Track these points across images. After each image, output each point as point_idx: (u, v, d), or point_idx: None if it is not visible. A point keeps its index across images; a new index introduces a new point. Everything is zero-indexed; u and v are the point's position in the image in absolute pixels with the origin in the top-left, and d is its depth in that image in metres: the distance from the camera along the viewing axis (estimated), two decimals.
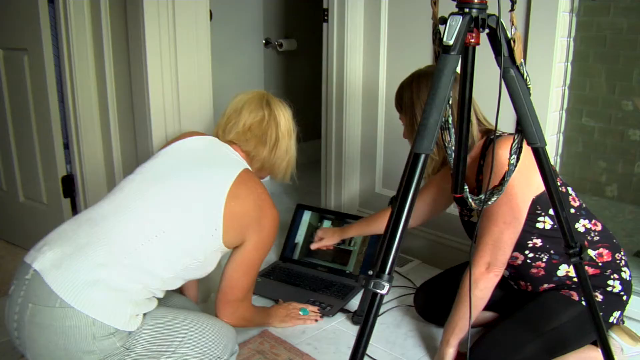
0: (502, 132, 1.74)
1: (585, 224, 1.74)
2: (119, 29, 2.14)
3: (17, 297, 1.41)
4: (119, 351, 1.39)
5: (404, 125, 1.84)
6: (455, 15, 1.16)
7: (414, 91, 1.74)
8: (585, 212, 1.76)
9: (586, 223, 1.74)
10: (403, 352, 1.94)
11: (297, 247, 2.58)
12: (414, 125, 1.75)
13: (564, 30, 2.09)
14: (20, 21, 2.40)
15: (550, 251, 1.72)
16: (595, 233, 1.74)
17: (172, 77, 2.07)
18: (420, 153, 1.13)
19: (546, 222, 1.69)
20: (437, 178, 2.03)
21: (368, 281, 1.11)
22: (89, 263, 1.40)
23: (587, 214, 1.76)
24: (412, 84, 1.76)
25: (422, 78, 1.74)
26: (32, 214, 2.71)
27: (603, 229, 1.76)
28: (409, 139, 1.82)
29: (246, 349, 1.92)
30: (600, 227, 1.76)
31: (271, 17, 4.02)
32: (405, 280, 2.47)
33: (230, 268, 1.70)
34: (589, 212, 1.77)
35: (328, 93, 2.84)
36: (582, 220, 1.73)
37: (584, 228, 1.73)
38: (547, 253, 1.72)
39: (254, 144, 1.76)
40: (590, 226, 1.74)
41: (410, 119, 1.77)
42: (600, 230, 1.75)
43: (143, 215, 1.52)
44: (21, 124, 2.60)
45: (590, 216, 1.76)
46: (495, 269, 1.66)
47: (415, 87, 1.74)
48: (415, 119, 1.74)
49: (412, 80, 1.77)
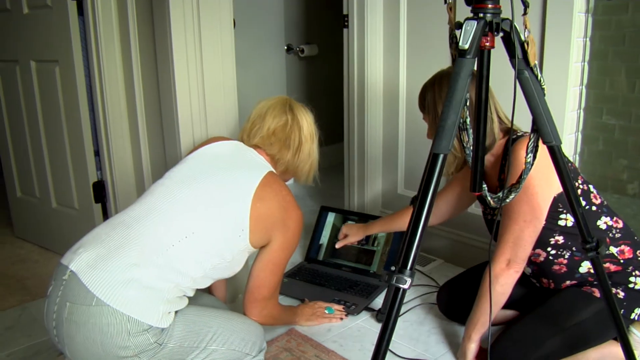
0: (524, 132, 1.76)
1: (607, 221, 1.75)
2: (147, 38, 2.19)
3: (55, 297, 1.47)
4: (152, 347, 1.45)
5: (427, 125, 1.88)
6: (470, 20, 1.19)
7: (436, 91, 1.77)
8: (606, 209, 1.77)
9: (607, 220, 1.76)
10: (426, 348, 1.98)
11: (321, 248, 2.62)
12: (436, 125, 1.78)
13: (580, 30, 2.11)
14: (51, 34, 2.48)
15: (572, 248, 1.74)
16: (617, 230, 1.75)
17: (199, 84, 2.11)
18: (438, 153, 1.17)
19: (568, 220, 1.71)
20: (460, 177, 2.06)
21: (390, 276, 1.15)
22: (123, 263, 1.45)
23: (609, 212, 1.77)
24: (435, 84, 1.79)
25: (444, 79, 1.77)
26: (65, 219, 2.79)
27: (624, 226, 1.78)
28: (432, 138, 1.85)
29: (274, 347, 1.98)
30: (622, 225, 1.77)
31: (292, 24, 4.07)
32: (428, 279, 2.50)
33: (257, 268, 1.75)
34: (610, 210, 1.78)
35: (350, 97, 2.89)
36: (603, 218, 1.75)
37: (606, 225, 1.75)
38: (569, 250, 1.75)
39: (278, 148, 1.81)
40: (612, 223, 1.76)
41: (433, 118, 1.80)
42: (622, 227, 1.77)
43: (173, 217, 1.57)
44: (53, 133, 2.67)
45: (612, 214, 1.78)
46: (515, 265, 1.69)
47: (438, 88, 1.77)
48: (438, 118, 1.77)
49: (435, 81, 1.80)
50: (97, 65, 2.36)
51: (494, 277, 1.70)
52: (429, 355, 1.94)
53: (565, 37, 2.08)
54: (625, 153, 2.72)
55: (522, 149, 1.63)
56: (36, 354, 1.99)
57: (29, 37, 2.60)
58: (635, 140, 2.72)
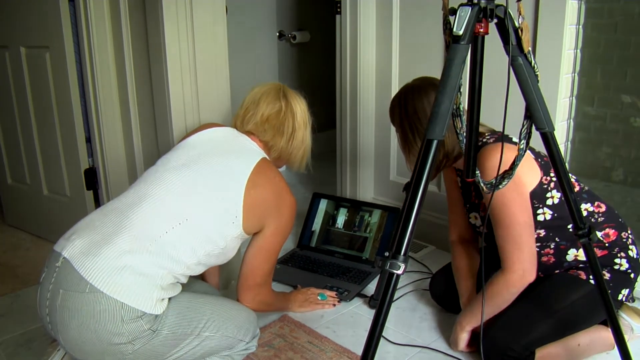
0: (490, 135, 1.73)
1: (587, 208, 1.77)
2: (138, 24, 2.18)
3: (48, 284, 1.47)
4: (146, 333, 1.45)
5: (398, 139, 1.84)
6: (464, 6, 1.19)
7: (402, 107, 1.76)
8: (586, 195, 1.78)
9: (588, 207, 1.77)
10: (418, 334, 1.99)
11: (314, 235, 2.63)
12: (406, 141, 1.76)
13: (572, 17, 2.12)
14: (42, 20, 2.46)
15: (555, 238, 1.75)
16: (599, 215, 1.77)
17: (191, 70, 2.10)
18: (432, 139, 1.17)
19: (546, 213, 1.72)
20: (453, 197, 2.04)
21: (384, 262, 1.16)
22: (116, 250, 1.45)
23: (589, 197, 1.78)
24: (400, 100, 1.77)
25: (409, 94, 1.75)
26: (56, 206, 2.78)
27: (607, 209, 1.79)
28: (402, 151, 1.82)
29: (267, 333, 1.98)
30: (605, 208, 1.78)
31: (284, 10, 4.06)
32: (421, 265, 2.51)
33: (250, 254, 1.75)
34: (590, 195, 1.79)
35: (342, 84, 2.88)
36: (583, 205, 1.76)
37: (586, 212, 1.76)
38: (552, 241, 1.76)
39: (272, 135, 1.81)
40: (593, 209, 1.77)
41: (402, 133, 1.78)
42: (605, 210, 1.78)
43: (166, 204, 1.57)
44: (44, 119, 2.66)
45: (593, 199, 1.79)
46: (532, 274, 1.67)
47: (403, 103, 1.76)
48: (406, 135, 1.75)
49: (400, 96, 1.78)
50: (88, 51, 2.35)
51: (507, 285, 1.69)
52: (420, 341, 1.95)
53: (558, 24, 2.09)
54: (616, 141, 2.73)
55: (487, 159, 1.62)
56: (29, 341, 1.99)
57: (19, 23, 2.58)
58: (626, 129, 2.74)
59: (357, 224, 2.56)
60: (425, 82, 1.76)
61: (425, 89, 1.73)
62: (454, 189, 2.01)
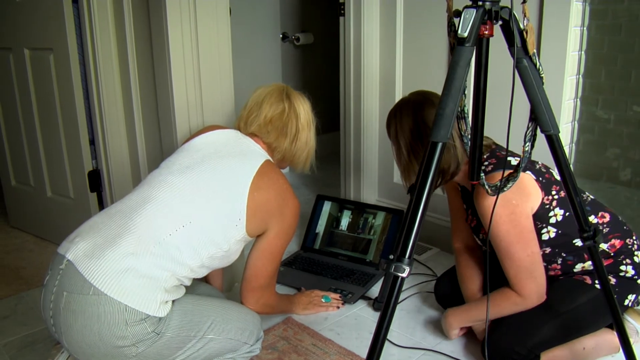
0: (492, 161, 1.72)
1: (591, 220, 1.74)
2: (142, 26, 2.18)
3: (52, 286, 1.46)
4: (150, 336, 1.45)
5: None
6: (469, 8, 1.19)
7: (397, 122, 1.75)
8: (590, 207, 1.76)
9: (592, 219, 1.75)
10: (423, 337, 1.99)
11: (317, 237, 2.63)
12: (400, 157, 1.76)
13: (577, 19, 2.11)
14: (46, 22, 2.46)
15: (561, 254, 1.74)
16: (604, 225, 1.75)
17: (195, 72, 2.10)
18: (437, 141, 1.17)
19: (550, 232, 1.70)
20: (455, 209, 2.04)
21: (389, 265, 1.15)
22: (120, 252, 1.45)
23: (593, 209, 1.76)
24: (396, 115, 1.77)
25: (404, 109, 1.74)
26: (60, 208, 2.78)
27: (612, 218, 1.77)
28: (397, 166, 1.81)
29: (271, 335, 1.98)
30: (609, 217, 1.76)
31: (288, 12, 4.06)
32: (425, 268, 2.51)
33: (253, 256, 1.75)
34: (594, 206, 1.77)
35: (346, 85, 2.88)
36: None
37: None
38: (559, 256, 1.75)
39: (275, 136, 1.81)
40: (597, 220, 1.75)
41: (397, 149, 1.77)
42: (609, 220, 1.76)
43: (170, 206, 1.56)
44: (48, 121, 2.66)
45: (597, 209, 1.76)
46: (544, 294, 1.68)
47: (399, 118, 1.75)
48: (400, 149, 1.75)
49: (396, 111, 1.78)
50: (92, 52, 2.35)
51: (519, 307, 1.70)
52: (425, 344, 1.95)
53: (562, 26, 2.08)
54: (620, 143, 2.73)
55: (485, 199, 1.61)
56: (33, 343, 1.98)
57: (23, 25, 2.58)
58: (630, 131, 2.73)
59: (361, 226, 2.56)
60: (423, 97, 1.75)
61: (422, 105, 1.71)
62: (456, 197, 2.01)
